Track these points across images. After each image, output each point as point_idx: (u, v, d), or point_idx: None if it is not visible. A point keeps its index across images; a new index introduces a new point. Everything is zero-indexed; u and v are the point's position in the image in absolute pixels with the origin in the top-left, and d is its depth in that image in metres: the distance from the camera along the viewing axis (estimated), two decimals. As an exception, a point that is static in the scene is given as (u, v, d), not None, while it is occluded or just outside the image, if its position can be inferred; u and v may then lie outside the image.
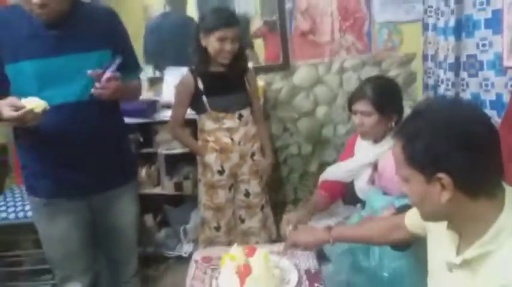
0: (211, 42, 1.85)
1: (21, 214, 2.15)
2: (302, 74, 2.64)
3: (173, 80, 2.46)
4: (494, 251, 0.84)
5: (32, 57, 1.40)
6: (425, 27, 2.32)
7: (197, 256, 1.62)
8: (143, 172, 2.52)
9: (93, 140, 1.49)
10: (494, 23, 1.72)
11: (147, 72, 2.66)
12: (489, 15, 1.75)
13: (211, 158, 2.01)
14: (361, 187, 1.72)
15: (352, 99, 1.70)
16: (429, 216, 0.97)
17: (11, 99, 1.32)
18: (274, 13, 2.56)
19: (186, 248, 2.55)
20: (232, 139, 1.98)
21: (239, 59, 1.93)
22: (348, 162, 1.78)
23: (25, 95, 1.35)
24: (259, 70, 2.57)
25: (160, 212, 2.73)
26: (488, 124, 0.88)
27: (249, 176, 2.07)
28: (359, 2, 2.51)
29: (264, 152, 2.15)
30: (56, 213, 1.55)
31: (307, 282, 1.37)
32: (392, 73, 2.57)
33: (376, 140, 1.69)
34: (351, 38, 2.56)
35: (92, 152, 1.51)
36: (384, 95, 1.63)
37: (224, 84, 1.94)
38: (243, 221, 2.13)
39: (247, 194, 2.08)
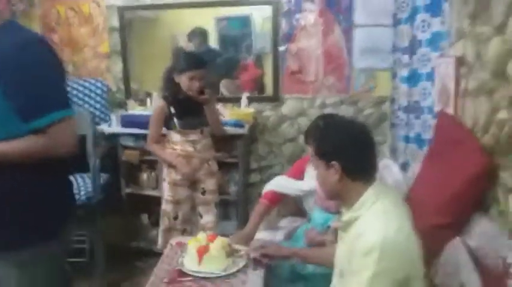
0: (183, 80, 2.28)
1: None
2: (289, 105, 3.06)
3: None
4: (361, 215, 1.22)
5: None
6: (393, 75, 2.72)
7: (173, 241, 2.00)
8: (144, 176, 2.96)
9: None
10: (432, 76, 2.11)
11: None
12: (429, 69, 2.15)
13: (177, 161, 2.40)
14: (310, 206, 2.05)
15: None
16: (329, 194, 1.36)
17: None
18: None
19: (173, 245, 2.89)
20: (194, 148, 2.41)
21: (202, 92, 2.33)
22: (301, 183, 2.04)
23: None
24: (252, 99, 3.01)
25: (154, 213, 3.08)
26: (370, 136, 1.30)
27: (205, 177, 2.47)
28: (341, 50, 2.93)
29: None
30: None
31: (252, 265, 1.71)
32: (366, 112, 2.96)
33: None
34: (332, 79, 2.97)
35: None
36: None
37: (189, 109, 2.36)
38: (201, 216, 2.53)
39: (203, 192, 2.49)
